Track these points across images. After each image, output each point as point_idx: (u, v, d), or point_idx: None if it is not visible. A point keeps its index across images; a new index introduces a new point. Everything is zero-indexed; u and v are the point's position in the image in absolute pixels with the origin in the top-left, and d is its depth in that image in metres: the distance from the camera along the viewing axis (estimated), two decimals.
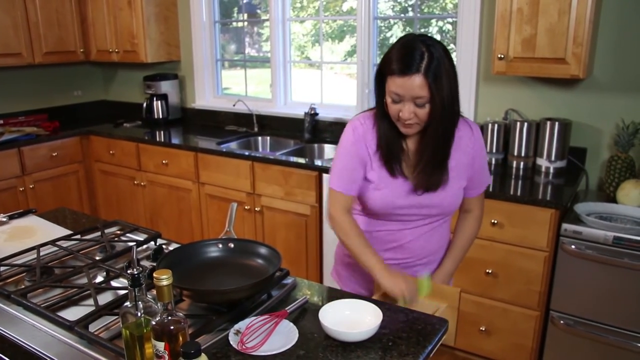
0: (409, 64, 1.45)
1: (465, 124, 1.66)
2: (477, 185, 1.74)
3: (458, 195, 1.69)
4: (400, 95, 1.49)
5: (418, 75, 1.45)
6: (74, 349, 1.25)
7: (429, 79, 1.45)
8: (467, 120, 1.68)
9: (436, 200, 1.65)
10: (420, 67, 1.45)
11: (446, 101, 1.50)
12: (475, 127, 1.69)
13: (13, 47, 3.96)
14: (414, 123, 1.53)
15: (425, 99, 1.48)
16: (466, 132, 1.66)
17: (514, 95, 3.04)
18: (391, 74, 1.50)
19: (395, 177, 1.64)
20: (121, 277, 1.59)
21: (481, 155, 1.71)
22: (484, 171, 1.74)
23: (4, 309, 1.43)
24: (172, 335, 1.07)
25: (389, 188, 1.64)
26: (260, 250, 1.58)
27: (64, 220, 2.15)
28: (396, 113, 1.54)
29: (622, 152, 2.60)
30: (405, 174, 1.64)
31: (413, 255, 1.74)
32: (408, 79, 1.46)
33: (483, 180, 1.75)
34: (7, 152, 3.79)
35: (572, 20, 2.44)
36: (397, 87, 1.49)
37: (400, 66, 1.47)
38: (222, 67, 4.45)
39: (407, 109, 1.50)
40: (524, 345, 2.63)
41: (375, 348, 1.26)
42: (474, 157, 1.67)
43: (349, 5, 3.69)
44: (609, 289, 2.33)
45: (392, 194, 1.64)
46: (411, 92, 1.47)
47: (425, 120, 1.53)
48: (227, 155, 3.45)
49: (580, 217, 2.38)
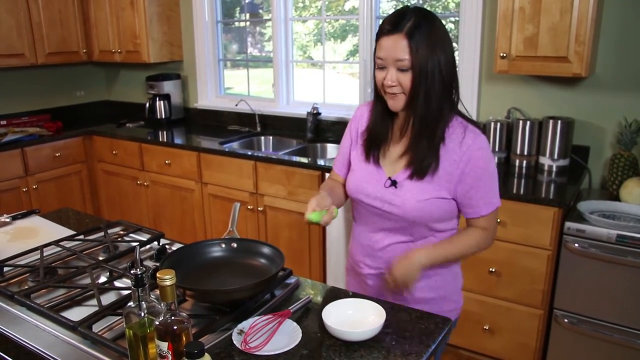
0: (395, 24, 1.42)
1: (460, 128, 1.51)
2: (475, 204, 1.53)
3: (426, 205, 1.50)
4: (383, 58, 1.45)
5: (400, 35, 1.41)
6: (77, 349, 1.25)
7: (411, 40, 1.40)
8: (468, 126, 1.51)
9: (398, 200, 1.52)
10: (404, 27, 1.40)
11: (429, 70, 1.42)
12: (472, 137, 1.49)
13: (16, 47, 3.97)
14: (398, 93, 1.46)
15: (406, 62, 1.41)
16: (457, 136, 1.50)
17: (517, 93, 3.03)
18: (378, 38, 1.47)
19: (367, 162, 1.61)
20: (124, 277, 1.59)
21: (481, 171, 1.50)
22: (489, 190, 1.53)
23: (8, 310, 1.43)
24: (176, 335, 1.07)
25: (362, 172, 1.62)
26: (263, 249, 1.58)
27: (67, 220, 2.15)
28: (380, 81, 1.48)
29: (625, 150, 2.59)
30: (380, 163, 1.59)
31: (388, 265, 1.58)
32: (390, 38, 1.42)
33: (483, 201, 1.53)
34: (10, 153, 3.79)
35: (574, 19, 2.44)
36: (380, 49, 1.45)
37: (387, 26, 1.44)
38: (224, 67, 4.45)
39: (390, 74, 1.45)
40: (528, 344, 2.62)
41: (379, 347, 1.25)
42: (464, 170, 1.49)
43: (351, 4, 3.69)
44: (613, 287, 2.32)
45: (362, 178, 1.61)
46: (392, 53, 1.42)
47: (408, 89, 1.45)
48: (229, 155, 3.46)
49: (584, 216, 2.38)
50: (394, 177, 1.56)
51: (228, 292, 1.37)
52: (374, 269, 1.66)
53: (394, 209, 1.54)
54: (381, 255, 1.63)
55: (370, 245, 1.65)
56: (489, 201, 1.54)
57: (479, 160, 1.50)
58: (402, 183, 1.54)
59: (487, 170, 1.52)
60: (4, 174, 3.77)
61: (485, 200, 1.53)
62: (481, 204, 1.54)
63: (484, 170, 1.51)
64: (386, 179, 1.57)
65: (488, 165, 1.52)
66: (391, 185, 1.55)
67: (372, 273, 1.67)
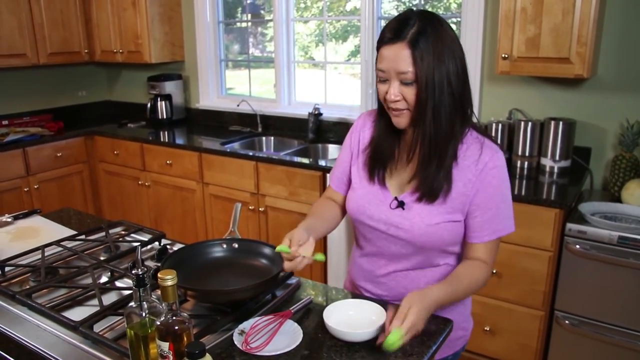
0: (397, 31, 1.28)
1: (476, 144, 1.38)
2: (479, 228, 1.38)
3: (437, 230, 1.38)
4: (385, 70, 1.31)
5: (402, 43, 1.26)
6: (78, 349, 1.25)
7: (414, 50, 1.26)
8: (485, 141, 1.38)
9: (407, 223, 1.39)
10: (407, 35, 1.26)
11: (437, 82, 1.28)
12: (490, 154, 1.36)
13: (18, 47, 3.97)
14: (403, 109, 1.32)
15: (410, 74, 1.27)
16: (473, 153, 1.37)
17: (518, 94, 3.03)
18: (379, 47, 1.32)
19: (372, 182, 1.47)
20: (126, 277, 1.59)
21: (493, 191, 1.36)
22: (498, 213, 1.38)
23: (9, 309, 1.43)
24: (177, 336, 1.07)
25: (364, 191, 1.48)
26: (264, 250, 1.58)
27: (69, 220, 2.15)
28: (383, 95, 1.35)
29: (627, 152, 2.59)
30: (386, 183, 1.46)
31: (390, 293, 1.52)
32: (392, 47, 1.28)
33: (492, 225, 1.38)
34: (12, 153, 3.80)
35: (576, 20, 2.43)
36: (382, 59, 1.31)
37: (388, 34, 1.29)
38: (226, 67, 4.45)
39: (393, 87, 1.30)
40: (529, 345, 2.62)
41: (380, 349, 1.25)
42: (478, 189, 1.36)
43: (352, 5, 3.69)
44: (614, 288, 2.32)
45: (364, 198, 1.48)
46: (395, 65, 1.28)
47: (413, 104, 1.31)
48: (231, 156, 3.45)
49: (585, 217, 2.37)
50: (400, 197, 1.42)
51: (229, 292, 1.37)
52: (376, 295, 1.55)
53: (400, 232, 1.41)
54: (384, 282, 1.52)
55: (372, 270, 1.54)
56: (496, 227, 1.39)
57: (493, 179, 1.36)
58: (411, 205, 1.40)
59: (500, 190, 1.38)
60: (5, 174, 3.77)
61: (491, 225, 1.38)
62: (485, 228, 1.38)
63: (495, 189, 1.37)
64: (392, 199, 1.43)
65: (502, 184, 1.38)
66: (398, 206, 1.42)
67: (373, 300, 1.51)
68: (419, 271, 1.47)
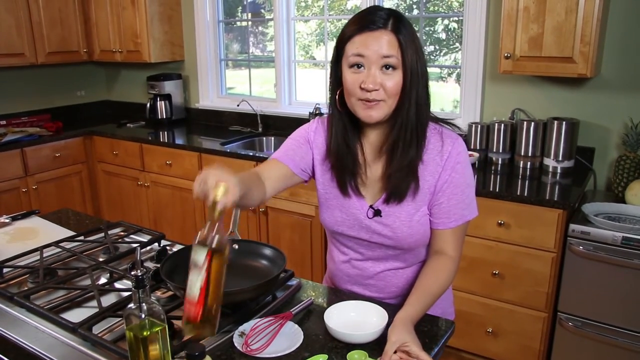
0: (373, 20, 1.24)
1: (436, 135, 1.36)
2: (445, 214, 1.36)
3: (418, 227, 1.37)
4: (364, 54, 1.24)
5: (385, 30, 1.23)
6: (77, 351, 1.24)
7: (398, 36, 1.23)
8: (443, 130, 1.38)
9: (387, 230, 1.38)
10: (387, 24, 1.23)
11: (419, 71, 1.26)
12: (451, 143, 1.35)
13: (16, 47, 3.96)
14: (379, 100, 1.26)
15: (394, 59, 1.23)
16: (435, 145, 1.35)
17: (521, 94, 3.01)
18: (350, 37, 1.26)
19: (347, 196, 1.41)
20: (125, 278, 1.58)
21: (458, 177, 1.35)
22: (463, 199, 1.36)
23: (7, 311, 1.42)
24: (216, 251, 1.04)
25: (339, 203, 1.42)
26: (264, 251, 1.57)
27: (67, 221, 2.14)
28: (357, 84, 1.26)
29: (631, 152, 2.57)
30: (361, 192, 1.40)
31: (381, 293, 1.51)
32: (372, 34, 1.23)
33: (458, 210, 1.36)
34: (10, 153, 3.78)
35: (580, 19, 2.42)
36: (358, 45, 1.24)
37: (361, 24, 1.25)
38: (226, 67, 4.44)
39: (373, 75, 1.24)
40: (532, 347, 2.60)
41: (381, 350, 1.23)
42: (441, 176, 1.35)
43: (353, 3, 3.68)
44: (618, 290, 2.30)
45: (342, 211, 1.42)
46: (378, 48, 1.23)
47: (393, 96, 1.26)
48: (231, 156, 3.44)
49: (588, 218, 2.35)
50: (376, 205, 1.39)
51: (229, 293, 1.35)
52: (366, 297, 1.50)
53: (384, 240, 1.40)
54: (373, 283, 1.50)
55: (359, 274, 1.51)
56: (462, 212, 1.37)
57: (457, 164, 1.35)
58: (387, 210, 1.38)
59: (464, 176, 1.36)
60: (3, 174, 3.76)
61: (456, 211, 1.36)
62: (451, 214, 1.36)
63: (460, 175, 1.35)
64: (367, 208, 1.40)
65: (465, 170, 1.37)
66: (375, 215, 1.39)
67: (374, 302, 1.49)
68: (407, 268, 1.47)
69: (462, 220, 1.38)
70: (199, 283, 1.04)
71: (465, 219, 1.38)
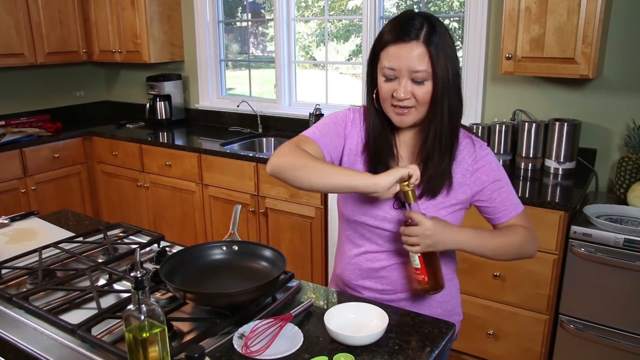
0: (406, 31, 1.28)
1: (467, 139, 1.45)
2: (503, 207, 1.45)
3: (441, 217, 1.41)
4: (395, 68, 1.30)
5: (417, 42, 1.27)
6: (76, 353, 1.23)
7: (430, 47, 1.27)
8: (472, 137, 1.46)
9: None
10: (420, 35, 1.27)
11: (451, 82, 1.31)
12: (481, 146, 1.45)
13: (15, 47, 3.95)
14: (410, 106, 1.33)
15: (424, 73, 1.28)
16: (466, 147, 1.44)
17: (522, 95, 3.01)
18: (385, 46, 1.31)
19: None
20: (124, 279, 1.57)
21: (497, 174, 1.44)
22: (510, 190, 1.46)
23: (6, 312, 1.41)
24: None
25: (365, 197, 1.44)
26: (264, 252, 1.56)
27: (66, 222, 2.13)
28: (389, 93, 1.33)
29: (633, 153, 2.56)
30: None
31: (393, 286, 1.51)
32: (404, 46, 1.28)
33: (511, 199, 1.46)
34: (9, 154, 3.77)
35: (582, 20, 2.41)
36: (391, 58, 1.30)
37: (396, 34, 1.29)
38: (226, 68, 4.43)
39: (404, 86, 1.30)
40: (533, 349, 2.59)
41: (381, 352, 1.23)
42: (482, 178, 1.42)
43: (354, 4, 3.67)
44: (620, 292, 2.29)
45: (366, 199, 1.44)
46: (408, 62, 1.28)
47: (424, 103, 1.32)
48: (231, 157, 3.43)
49: (590, 219, 2.35)
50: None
51: (229, 295, 1.35)
52: (377, 291, 1.53)
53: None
54: (386, 274, 1.50)
55: (372, 266, 1.52)
56: (515, 202, 1.47)
57: (492, 163, 1.44)
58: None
59: (502, 173, 1.46)
60: (2, 175, 3.75)
61: (511, 202, 1.46)
62: (508, 205, 1.45)
63: (498, 173, 1.45)
64: (394, 199, 1.42)
65: (501, 169, 1.47)
66: (400, 206, 1.43)
67: (374, 296, 1.53)
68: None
69: (519, 210, 1.47)
70: (416, 256, 1.34)
71: (519, 209, 1.48)
